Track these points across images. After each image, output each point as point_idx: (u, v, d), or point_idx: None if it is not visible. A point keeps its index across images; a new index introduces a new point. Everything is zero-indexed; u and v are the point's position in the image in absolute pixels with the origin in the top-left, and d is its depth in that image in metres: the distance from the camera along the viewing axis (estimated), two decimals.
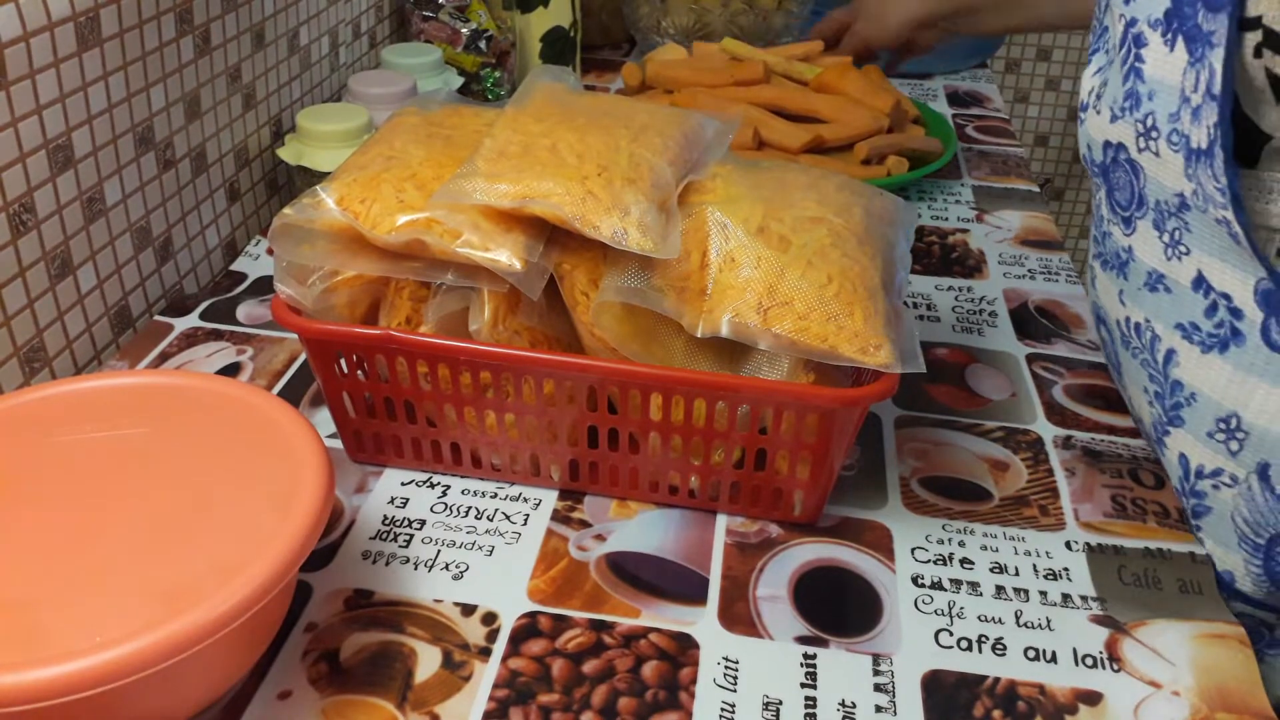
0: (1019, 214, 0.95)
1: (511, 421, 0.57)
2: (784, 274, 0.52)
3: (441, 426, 0.59)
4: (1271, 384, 0.51)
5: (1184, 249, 0.53)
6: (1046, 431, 0.67)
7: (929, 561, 0.56)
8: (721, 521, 0.59)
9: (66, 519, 0.44)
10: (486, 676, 0.49)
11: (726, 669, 0.50)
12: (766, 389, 0.53)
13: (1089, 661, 0.51)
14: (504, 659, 0.50)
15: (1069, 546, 0.58)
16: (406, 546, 0.56)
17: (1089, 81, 0.62)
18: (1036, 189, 1.00)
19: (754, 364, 0.56)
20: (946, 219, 0.94)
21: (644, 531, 0.58)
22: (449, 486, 0.60)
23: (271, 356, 0.71)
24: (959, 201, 0.97)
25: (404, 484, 0.60)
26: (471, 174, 0.53)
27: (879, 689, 0.49)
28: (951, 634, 0.52)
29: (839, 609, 0.53)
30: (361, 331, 0.55)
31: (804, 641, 0.51)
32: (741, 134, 0.92)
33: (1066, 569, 0.56)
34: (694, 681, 0.49)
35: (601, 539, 0.57)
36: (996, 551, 0.57)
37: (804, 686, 0.49)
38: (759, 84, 1.00)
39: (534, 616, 0.52)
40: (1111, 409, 0.69)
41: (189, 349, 0.71)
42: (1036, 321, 0.78)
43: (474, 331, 0.54)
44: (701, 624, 0.52)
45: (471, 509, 0.59)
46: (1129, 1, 0.55)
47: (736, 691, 0.49)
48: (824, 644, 0.51)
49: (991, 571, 0.56)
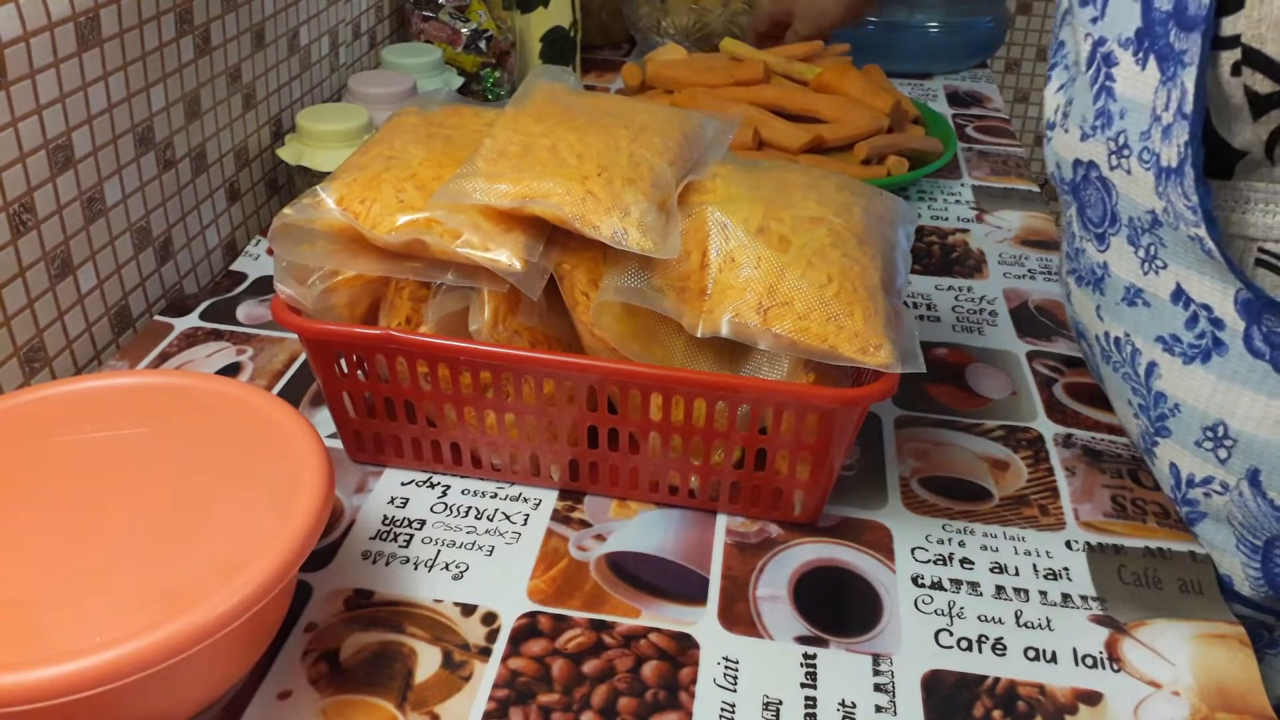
0: (1019, 214, 0.95)
1: (511, 421, 0.57)
2: (784, 274, 0.52)
3: (441, 426, 0.59)
4: (1256, 391, 0.51)
5: (1161, 263, 0.53)
6: (1047, 430, 0.67)
7: (929, 561, 0.56)
8: (721, 521, 0.58)
9: (66, 519, 0.44)
10: (486, 676, 0.49)
11: (726, 669, 0.50)
12: (766, 389, 0.53)
13: (1089, 661, 0.51)
14: (504, 659, 0.50)
15: (1069, 546, 0.58)
16: (406, 546, 0.56)
17: (1052, 99, 0.62)
18: (1036, 189, 1.00)
19: (754, 364, 0.56)
20: (946, 219, 0.94)
21: (644, 531, 0.58)
22: (449, 486, 0.60)
23: (271, 356, 0.71)
24: (959, 201, 0.97)
25: (404, 484, 0.60)
26: (471, 174, 0.53)
27: (879, 689, 0.49)
28: (951, 634, 0.52)
29: (839, 609, 0.53)
30: (361, 331, 0.55)
31: (804, 641, 0.51)
32: (741, 134, 0.92)
33: (1066, 569, 0.56)
34: (694, 681, 0.49)
35: (601, 539, 0.57)
36: (996, 551, 0.57)
37: (804, 686, 0.49)
38: (759, 84, 1.00)
39: (534, 616, 0.52)
40: (1111, 408, 0.69)
41: (189, 349, 0.71)
42: (1037, 321, 0.78)
43: (474, 331, 0.54)
44: (701, 624, 0.52)
45: (471, 509, 0.59)
46: (1096, 20, 0.55)
47: (736, 691, 0.49)
48: (824, 644, 0.51)
49: (991, 571, 0.56)
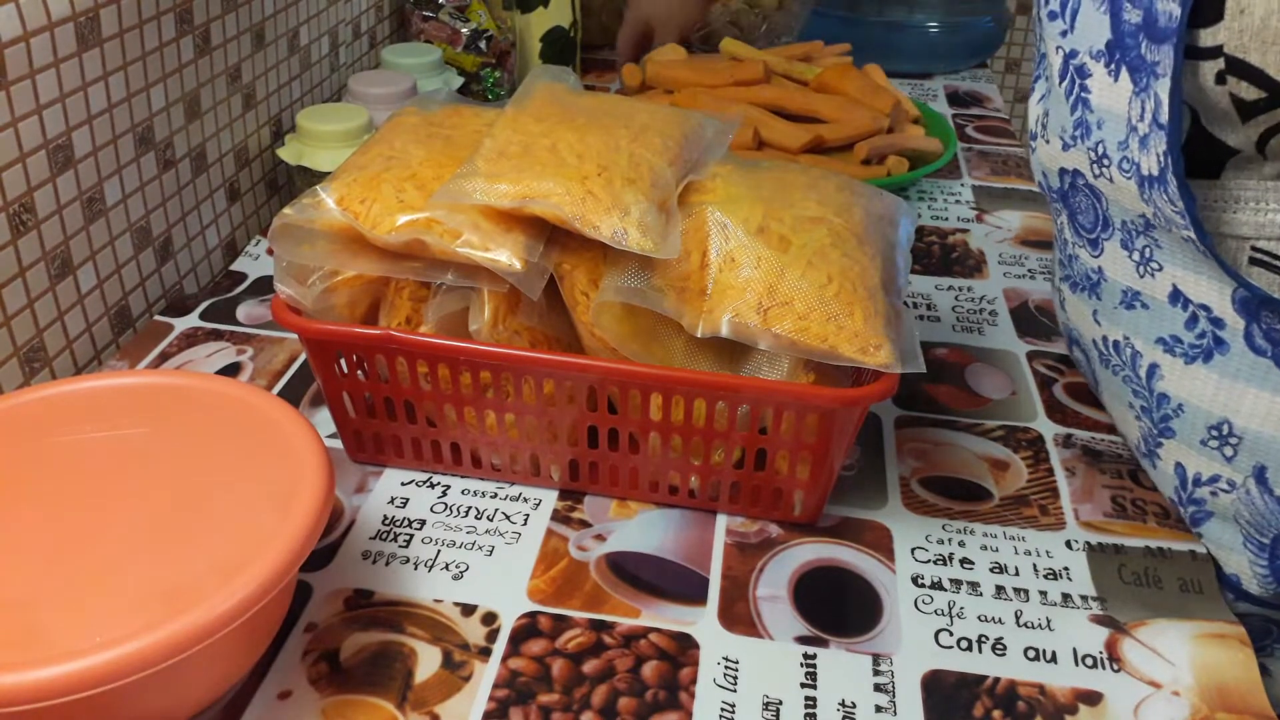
0: (1019, 214, 0.95)
1: (511, 421, 0.57)
2: (784, 274, 0.52)
3: (441, 426, 0.59)
4: (1259, 388, 0.51)
5: (1156, 265, 0.54)
6: (1047, 430, 0.67)
7: (929, 561, 0.56)
8: (721, 521, 0.58)
9: (66, 519, 0.44)
10: (486, 676, 0.49)
11: (726, 669, 0.50)
12: (766, 389, 0.53)
13: (1089, 661, 0.51)
14: (504, 659, 0.50)
15: (1069, 546, 0.58)
16: (406, 546, 0.56)
17: (1035, 110, 0.62)
18: (1036, 189, 1.00)
19: (754, 364, 0.56)
20: (946, 219, 0.94)
21: (644, 531, 0.58)
22: (449, 486, 0.60)
23: (271, 356, 0.71)
24: (959, 201, 0.97)
25: (404, 484, 0.60)
26: (471, 174, 0.53)
27: (879, 689, 0.49)
28: (951, 634, 0.52)
29: (839, 609, 0.53)
30: (361, 331, 0.55)
31: (804, 641, 0.51)
32: (741, 134, 0.92)
33: (1066, 568, 0.56)
34: (694, 681, 0.49)
35: (601, 539, 0.57)
36: (996, 551, 0.57)
37: (804, 686, 0.49)
38: (759, 84, 1.00)
39: (534, 616, 0.52)
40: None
41: (189, 349, 0.71)
42: (1037, 321, 0.78)
43: (474, 331, 0.54)
44: (701, 624, 0.52)
45: (471, 509, 0.59)
46: (1066, 34, 0.55)
47: (736, 691, 0.49)
48: (824, 644, 0.51)
49: (991, 571, 0.56)
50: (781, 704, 0.48)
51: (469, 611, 0.52)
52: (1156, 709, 0.49)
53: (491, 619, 0.52)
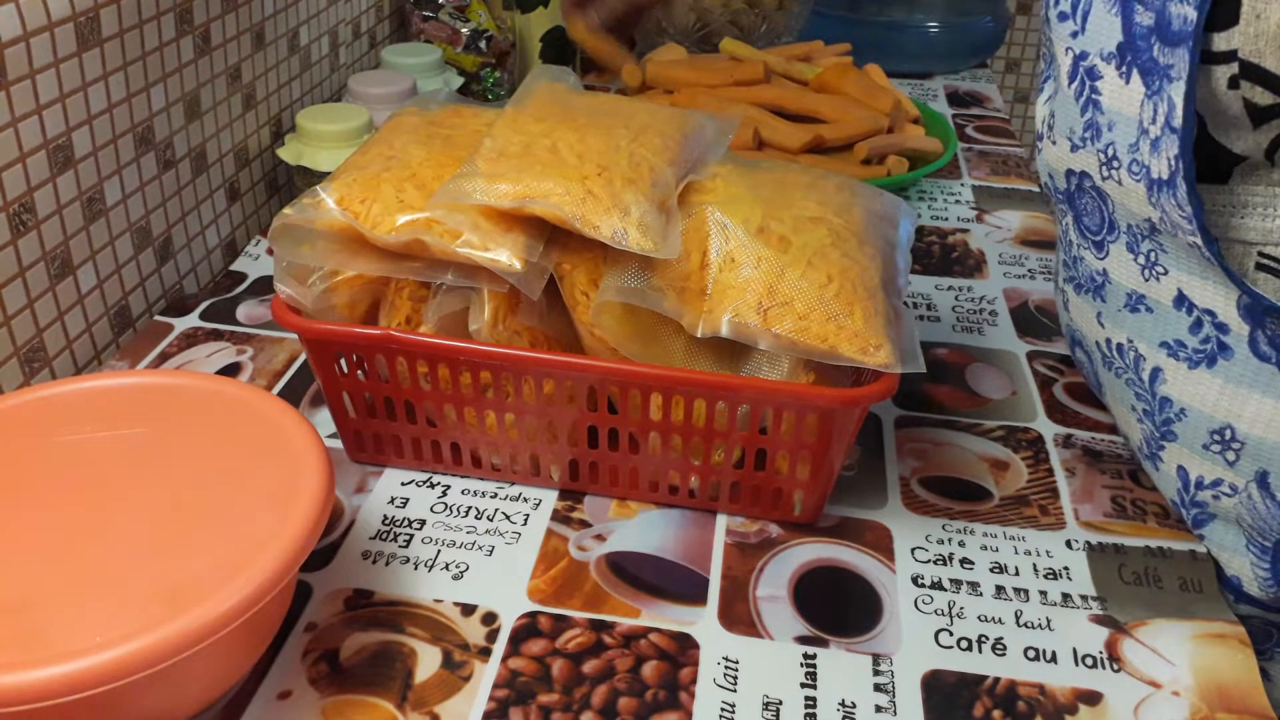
0: (1019, 214, 0.95)
1: (511, 421, 0.57)
2: (784, 274, 0.52)
3: (441, 426, 0.59)
4: (1263, 394, 0.51)
5: (1161, 269, 0.53)
6: (1047, 430, 0.67)
7: (929, 561, 0.56)
8: (721, 521, 0.58)
9: (66, 519, 0.44)
10: (486, 676, 0.49)
11: (726, 669, 0.50)
12: (766, 389, 0.53)
13: (1089, 661, 0.51)
14: (504, 659, 0.50)
15: (1069, 546, 0.58)
16: (406, 546, 0.56)
17: (1041, 110, 0.62)
18: (1036, 189, 1.00)
19: (754, 364, 0.56)
20: (946, 219, 0.94)
21: (644, 531, 0.58)
22: (449, 486, 0.60)
23: (271, 356, 0.71)
24: (959, 201, 0.97)
25: (404, 484, 0.60)
26: (471, 174, 0.53)
27: (879, 689, 0.49)
28: (951, 634, 0.52)
29: (839, 609, 0.53)
30: (361, 331, 0.55)
31: (804, 641, 0.51)
32: (741, 134, 0.91)
33: (1066, 568, 0.56)
34: (694, 681, 0.49)
35: (601, 539, 0.57)
36: (996, 551, 0.57)
37: (804, 686, 0.49)
38: (759, 84, 1.00)
39: (534, 616, 0.52)
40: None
41: (189, 349, 0.71)
42: (1037, 321, 0.78)
43: (474, 331, 0.54)
44: (701, 624, 0.52)
45: (471, 509, 0.59)
46: (1076, 35, 0.55)
47: (736, 691, 0.49)
48: (824, 644, 0.51)
49: (991, 571, 0.56)
50: (781, 704, 0.48)
51: (469, 611, 0.52)
52: (1156, 709, 0.49)
53: (491, 619, 0.52)
